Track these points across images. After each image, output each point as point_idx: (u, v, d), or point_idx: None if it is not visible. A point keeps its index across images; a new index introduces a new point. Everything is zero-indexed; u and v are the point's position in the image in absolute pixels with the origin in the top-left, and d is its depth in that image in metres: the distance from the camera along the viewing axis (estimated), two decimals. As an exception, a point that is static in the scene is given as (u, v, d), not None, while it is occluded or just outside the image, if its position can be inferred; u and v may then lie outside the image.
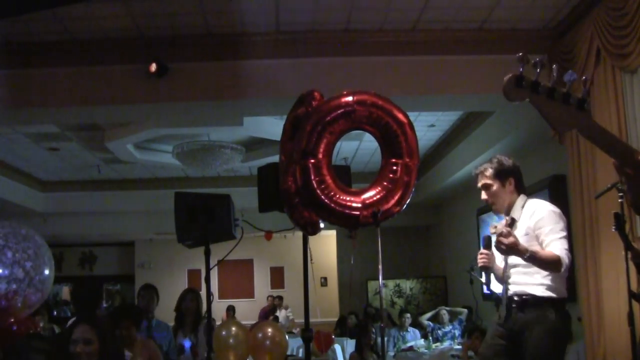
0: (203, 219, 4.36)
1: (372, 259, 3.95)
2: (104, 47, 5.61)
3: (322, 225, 3.96)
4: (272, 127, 7.97)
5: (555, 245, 3.29)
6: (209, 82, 5.70)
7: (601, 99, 4.78)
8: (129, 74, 5.66)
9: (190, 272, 15.79)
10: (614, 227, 3.22)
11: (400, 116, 3.69)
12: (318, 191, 3.59)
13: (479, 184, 3.75)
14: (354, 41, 5.63)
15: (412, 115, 4.41)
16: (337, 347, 8.92)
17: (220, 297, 15.22)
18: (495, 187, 3.63)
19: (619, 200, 3.45)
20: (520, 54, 1.70)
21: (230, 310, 12.92)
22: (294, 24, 5.47)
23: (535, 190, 7.14)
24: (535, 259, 3.24)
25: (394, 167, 3.68)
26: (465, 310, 9.31)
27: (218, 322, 11.09)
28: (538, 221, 3.39)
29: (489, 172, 3.65)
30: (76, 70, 5.67)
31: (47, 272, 4.45)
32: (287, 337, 5.59)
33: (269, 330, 5.18)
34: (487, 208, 9.05)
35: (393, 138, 3.64)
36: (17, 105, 5.73)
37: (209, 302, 4.63)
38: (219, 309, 12.88)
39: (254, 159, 9.60)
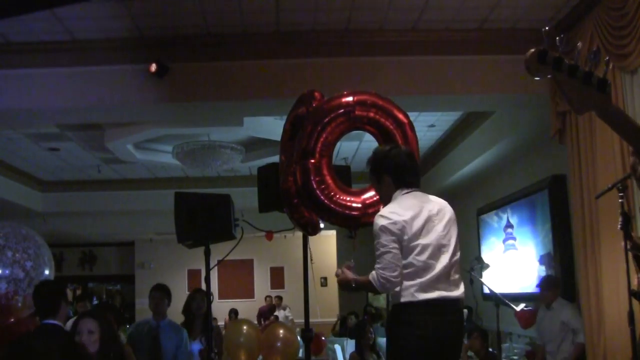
0: (203, 219, 4.36)
1: (372, 259, 3.94)
2: (104, 47, 5.61)
3: (322, 225, 3.96)
4: (272, 127, 7.97)
5: (376, 265, 3.06)
6: (209, 82, 5.70)
7: (601, 99, 4.77)
8: (129, 74, 5.66)
9: (190, 272, 15.80)
10: (620, 225, 3.19)
11: (401, 116, 3.69)
12: (318, 192, 3.59)
13: None
14: (354, 41, 5.63)
15: (412, 115, 4.41)
16: (337, 347, 8.93)
17: (220, 297, 15.22)
18: (374, 183, 3.30)
19: (619, 201, 3.44)
20: (547, 27, 1.65)
21: (232, 313, 12.91)
22: (294, 24, 5.47)
23: (535, 190, 7.15)
24: (359, 287, 3.23)
25: (394, 167, 3.67)
26: (465, 310, 9.28)
27: (220, 323, 11.17)
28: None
29: (368, 167, 3.29)
30: (76, 70, 5.67)
31: (47, 272, 4.46)
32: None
33: (281, 331, 5.17)
34: (487, 208, 9.05)
35: (393, 138, 3.64)
36: (17, 105, 5.73)
37: (209, 302, 4.64)
38: (219, 309, 12.88)
39: (254, 159, 9.60)
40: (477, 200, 9.29)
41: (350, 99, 3.64)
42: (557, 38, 1.62)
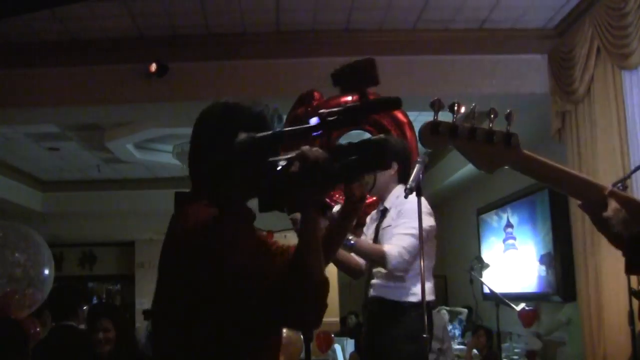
0: (203, 219, 4.35)
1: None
2: (104, 47, 5.60)
3: (321, 225, 3.95)
4: (272, 127, 7.96)
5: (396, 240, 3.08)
6: (209, 82, 5.70)
7: (601, 99, 4.78)
8: (129, 74, 5.65)
9: (190, 272, 15.78)
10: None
11: (400, 116, 3.69)
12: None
13: None
14: (354, 41, 5.63)
15: (412, 115, 4.41)
16: (337, 347, 8.93)
17: (221, 297, 15.21)
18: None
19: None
20: (435, 99, 1.62)
21: None
22: (294, 24, 5.47)
23: (535, 190, 7.14)
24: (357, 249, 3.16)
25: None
26: (465, 310, 9.31)
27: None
28: (400, 212, 3.19)
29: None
30: (76, 70, 5.67)
31: (46, 272, 4.47)
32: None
33: (283, 330, 5.16)
34: (487, 208, 9.04)
35: (392, 138, 3.63)
36: (17, 105, 5.73)
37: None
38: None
39: (254, 159, 9.58)
40: (477, 200, 9.29)
41: (349, 98, 3.64)
42: (448, 106, 1.60)
